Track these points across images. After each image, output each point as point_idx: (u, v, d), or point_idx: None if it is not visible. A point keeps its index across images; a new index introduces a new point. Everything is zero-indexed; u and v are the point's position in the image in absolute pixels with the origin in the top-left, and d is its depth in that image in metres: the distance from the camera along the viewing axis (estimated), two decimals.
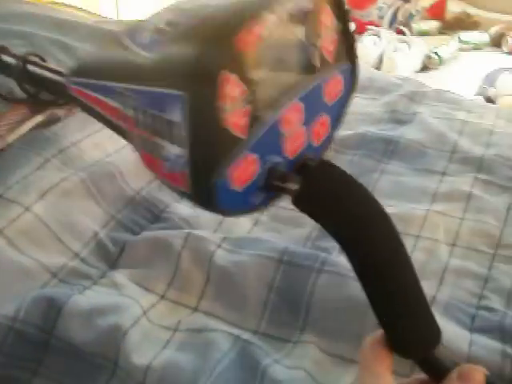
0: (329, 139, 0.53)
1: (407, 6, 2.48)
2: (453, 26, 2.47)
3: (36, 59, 0.72)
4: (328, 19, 0.47)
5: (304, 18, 0.45)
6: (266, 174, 0.45)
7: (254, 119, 0.42)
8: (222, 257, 0.76)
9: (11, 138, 0.88)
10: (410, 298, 0.50)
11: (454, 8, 2.54)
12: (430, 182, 0.91)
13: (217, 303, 0.74)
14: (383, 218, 0.49)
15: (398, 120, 1.05)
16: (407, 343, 0.51)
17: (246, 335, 0.69)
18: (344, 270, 0.72)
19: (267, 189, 0.46)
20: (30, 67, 0.71)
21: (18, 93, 0.84)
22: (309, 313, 0.71)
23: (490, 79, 2.10)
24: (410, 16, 2.51)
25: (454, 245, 0.81)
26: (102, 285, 0.75)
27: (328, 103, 0.50)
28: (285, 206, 0.51)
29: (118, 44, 0.45)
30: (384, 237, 0.48)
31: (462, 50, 2.35)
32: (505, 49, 2.34)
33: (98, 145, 0.91)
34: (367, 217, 0.48)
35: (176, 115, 0.39)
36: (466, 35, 2.37)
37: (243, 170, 0.42)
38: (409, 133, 0.99)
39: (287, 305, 0.73)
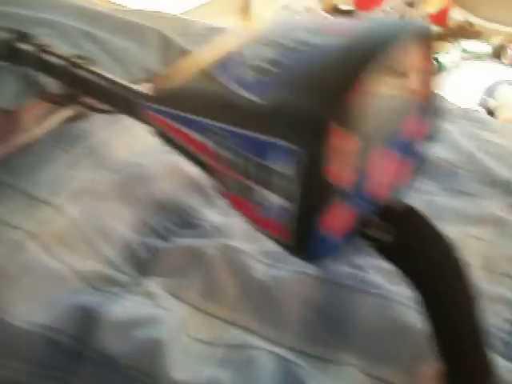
0: (411, 179, 0.52)
1: (412, 10, 2.48)
2: (454, 33, 2.48)
3: (83, 62, 0.69)
4: (419, 60, 0.47)
5: (402, 64, 0.45)
6: (360, 223, 0.45)
7: (356, 170, 0.42)
8: (259, 270, 0.75)
9: (39, 131, 0.85)
10: (475, 338, 0.51)
11: (456, 16, 2.55)
12: (463, 203, 0.90)
13: (253, 317, 0.72)
14: (463, 270, 0.50)
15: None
16: (469, 379, 0.52)
17: (288, 355, 0.68)
18: (387, 292, 0.72)
19: (359, 237, 0.46)
20: (81, 72, 0.68)
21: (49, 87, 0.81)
22: (350, 333, 0.70)
23: (491, 91, 2.12)
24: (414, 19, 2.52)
25: (488, 270, 0.81)
26: (135, 293, 0.72)
27: (412, 145, 0.50)
28: None
29: (208, 77, 0.44)
30: (461, 285, 0.49)
31: (463, 58, 2.36)
32: (505, 60, 2.36)
33: (127, 144, 0.89)
34: (452, 270, 0.48)
35: (286, 168, 0.38)
36: (469, 44, 2.38)
37: (342, 221, 0.42)
38: (439, 151, 0.99)
39: (326, 323, 0.71)
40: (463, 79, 2.24)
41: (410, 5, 2.46)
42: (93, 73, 0.65)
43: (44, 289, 0.69)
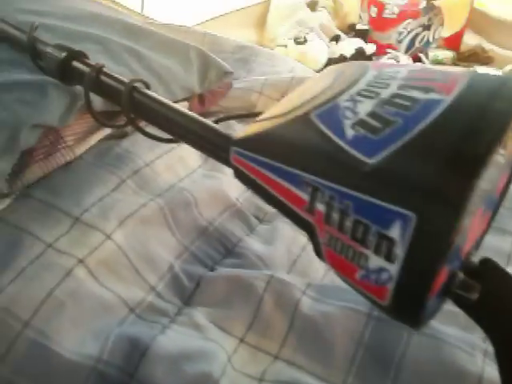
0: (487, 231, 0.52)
1: (426, 33, 2.48)
2: (467, 58, 2.49)
3: (142, 86, 0.67)
4: None
5: None
6: (449, 282, 0.44)
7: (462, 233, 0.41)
8: (307, 305, 0.73)
9: (80, 149, 0.83)
10: None
11: (470, 41, 2.56)
12: (504, 242, 0.89)
13: (299, 352, 0.71)
14: None
15: None
16: None
17: None
18: (438, 333, 0.70)
19: (447, 295, 0.45)
20: (137, 95, 0.66)
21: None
22: (399, 373, 0.69)
23: None
24: (427, 43, 2.52)
25: None
26: (181, 324, 0.71)
27: (494, 199, 0.49)
28: None
29: (310, 126, 0.42)
30: None
31: None
32: None
33: (170, 167, 0.87)
34: None
35: (393, 232, 0.37)
36: (481, 70, 2.39)
37: (439, 281, 0.41)
38: None
39: (376, 362, 0.70)
40: None
41: (426, 28, 2.47)
42: (157, 102, 0.63)
43: (91, 318, 0.67)
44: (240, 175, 0.48)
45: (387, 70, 0.46)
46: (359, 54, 2.26)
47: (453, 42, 2.54)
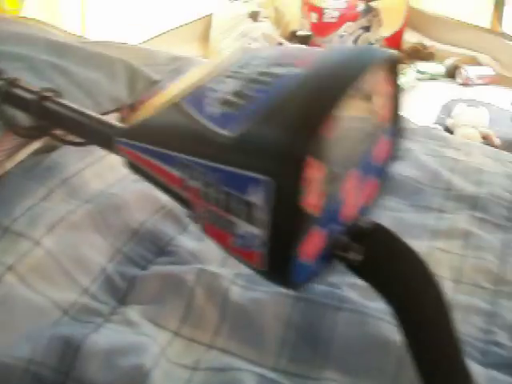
0: (377, 198, 0.54)
1: (366, 34, 2.55)
2: (409, 55, 2.56)
3: (53, 95, 0.70)
4: (385, 88, 0.49)
5: (368, 92, 0.47)
6: (331, 245, 0.46)
7: (326, 196, 0.43)
8: (237, 293, 0.76)
9: (10, 164, 0.85)
10: (452, 350, 0.53)
11: (410, 39, 2.63)
12: (429, 218, 0.93)
13: (232, 340, 0.73)
14: (434, 283, 0.52)
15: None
16: None
17: (270, 374, 0.69)
18: (362, 307, 0.74)
19: (331, 259, 0.47)
20: (47, 104, 0.68)
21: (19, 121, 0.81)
22: (329, 350, 0.72)
23: (447, 109, 2.19)
24: (369, 44, 2.59)
25: (458, 281, 0.83)
26: (115, 322, 0.73)
27: (378, 165, 0.52)
28: None
29: (179, 110, 0.45)
30: (435, 301, 0.51)
31: (418, 79, 2.43)
32: (459, 80, 2.44)
33: (100, 175, 0.89)
34: (423, 284, 0.50)
35: (257, 198, 0.40)
36: (424, 66, 2.46)
37: (315, 245, 0.44)
38: (404, 169, 1.02)
39: (306, 342, 0.73)
40: (419, 99, 2.31)
41: (366, 29, 2.54)
42: (63, 106, 0.66)
43: (23, 321, 0.69)
44: (127, 163, 0.50)
45: (263, 52, 0.49)
46: None
47: (394, 41, 2.61)
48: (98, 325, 0.71)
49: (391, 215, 0.93)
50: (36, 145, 0.90)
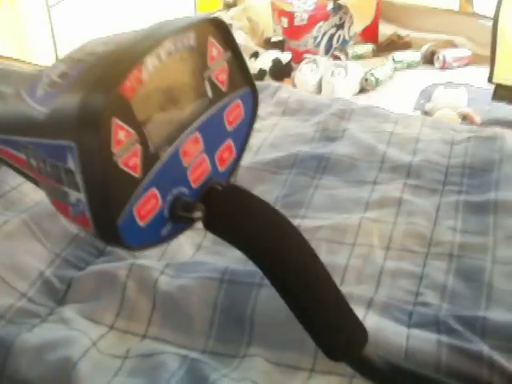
0: (236, 162, 0.56)
1: (340, 32, 2.57)
2: (386, 47, 2.56)
3: None
4: (214, 50, 0.51)
5: (189, 53, 0.49)
6: (170, 206, 0.48)
7: (148, 156, 0.45)
8: (165, 282, 0.78)
9: None
10: (326, 307, 0.54)
11: (385, 31, 2.64)
12: (362, 192, 0.94)
13: (164, 328, 0.75)
14: (290, 235, 0.53)
15: (329, 138, 1.09)
16: (332, 348, 0.55)
17: (193, 354, 0.71)
18: None
19: (173, 219, 0.49)
20: None
21: None
22: (253, 327, 0.73)
23: (426, 94, 2.19)
24: (345, 41, 2.61)
25: (388, 248, 0.84)
26: (51, 321, 0.75)
27: (229, 129, 0.53)
28: None
29: (18, 98, 0.48)
30: (291, 252, 0.52)
31: (396, 69, 2.44)
32: (437, 65, 2.44)
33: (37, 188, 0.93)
34: (271, 236, 0.51)
35: (70, 163, 0.42)
36: (399, 55, 2.46)
37: (143, 206, 0.45)
38: (339, 148, 1.03)
39: (232, 322, 0.74)
40: (397, 88, 2.32)
41: (339, 27, 2.56)
42: None
43: None
44: None
45: (107, 37, 0.52)
46: (276, 65, 2.34)
47: (369, 36, 2.62)
48: (34, 325, 0.74)
49: (325, 193, 0.95)
50: None
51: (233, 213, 0.50)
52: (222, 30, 0.51)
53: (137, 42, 0.45)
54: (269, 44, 2.58)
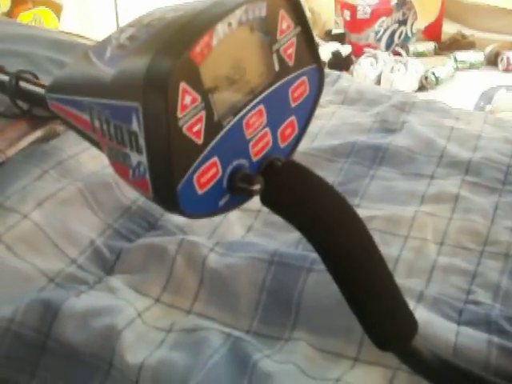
0: (298, 138, 0.55)
1: (403, 28, 2.53)
2: (449, 46, 2.52)
3: (29, 76, 0.75)
4: (284, 24, 0.50)
5: (260, 24, 0.48)
6: (229, 177, 0.47)
7: (212, 125, 0.45)
8: (214, 260, 0.78)
9: (11, 152, 0.92)
10: (381, 294, 0.53)
11: (449, 29, 2.59)
12: (419, 185, 0.93)
13: (210, 305, 0.76)
14: (351, 217, 0.52)
15: (388, 129, 1.07)
16: (382, 336, 0.54)
17: (237, 333, 0.70)
18: None
19: (231, 191, 0.48)
20: (22, 84, 0.74)
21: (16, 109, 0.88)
22: (299, 311, 0.73)
23: (487, 97, 2.14)
24: (406, 38, 2.57)
25: (442, 243, 0.82)
26: (98, 289, 0.76)
27: (293, 104, 0.53)
28: None
29: (86, 60, 0.49)
30: (352, 235, 0.51)
31: (458, 69, 2.39)
32: (501, 67, 2.38)
33: (95, 157, 0.94)
34: (333, 216, 0.50)
35: (134, 125, 0.42)
36: (462, 55, 2.42)
37: (203, 174, 0.45)
38: (398, 140, 1.02)
39: (278, 304, 0.74)
40: (458, 89, 2.27)
41: (402, 23, 2.52)
42: (30, 82, 0.71)
43: (8, 286, 0.74)
44: (60, 118, 0.54)
45: (176, 5, 0.52)
46: (336, 57, 2.32)
47: (432, 33, 2.57)
48: (81, 291, 0.75)
49: (380, 184, 0.93)
50: (37, 134, 0.96)
51: (293, 188, 0.50)
52: (293, 4, 0.50)
53: (208, 9, 0.45)
54: (329, 36, 2.56)
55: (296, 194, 0.50)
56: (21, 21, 1.76)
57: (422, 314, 0.70)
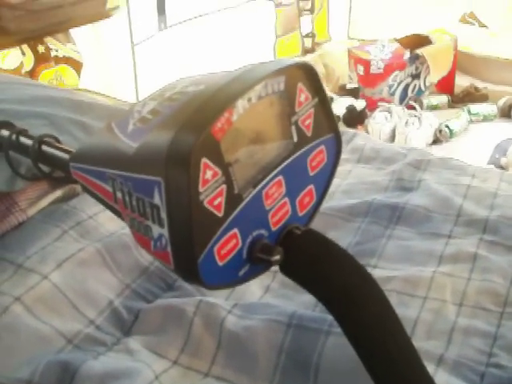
0: (316, 206, 0.56)
1: (416, 81, 2.57)
2: (462, 99, 2.54)
3: (51, 140, 0.77)
4: (302, 96, 0.51)
5: (279, 98, 0.49)
6: (249, 248, 0.48)
7: (232, 197, 0.46)
8: (232, 322, 0.78)
9: (31, 211, 0.93)
10: (397, 359, 0.52)
11: (462, 82, 2.62)
12: (436, 244, 0.92)
13: (228, 368, 0.75)
14: (370, 286, 0.52)
15: (404, 187, 1.08)
16: None
17: None
18: None
19: (251, 261, 0.49)
20: (45, 148, 0.76)
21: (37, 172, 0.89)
22: (318, 374, 0.72)
23: (502, 149, 2.14)
24: (420, 91, 2.60)
25: (461, 304, 0.82)
26: (116, 351, 0.76)
27: (311, 173, 0.54)
28: None
29: (110, 132, 0.50)
30: (370, 304, 0.51)
31: (471, 122, 2.41)
32: None
33: (114, 218, 0.94)
34: (353, 286, 0.51)
35: (156, 199, 0.44)
36: (475, 107, 2.44)
37: (224, 246, 0.46)
38: (414, 199, 1.02)
39: (297, 367, 0.73)
40: (472, 141, 2.28)
41: (415, 76, 2.55)
42: (54, 147, 0.73)
43: (27, 347, 0.74)
44: (81, 186, 0.55)
45: (194, 76, 0.54)
46: (350, 112, 2.35)
47: (445, 87, 2.60)
48: (99, 353, 0.75)
49: (397, 243, 0.93)
50: (57, 194, 0.98)
51: (311, 257, 0.50)
52: (310, 76, 0.52)
53: (228, 84, 0.46)
54: (343, 91, 2.60)
55: (314, 263, 0.50)
56: (42, 80, 1.81)
57: (442, 377, 0.69)
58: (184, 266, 0.45)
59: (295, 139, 0.51)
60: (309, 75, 0.51)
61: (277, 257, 0.48)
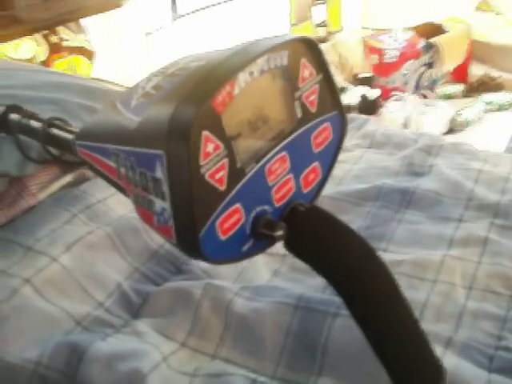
0: (321, 184, 0.55)
1: (430, 71, 2.54)
2: (477, 88, 2.52)
3: (60, 123, 0.77)
4: (306, 71, 0.51)
5: (282, 72, 0.49)
6: (252, 223, 0.48)
7: (235, 171, 0.45)
8: (239, 304, 0.78)
9: (42, 195, 0.94)
10: (405, 341, 0.52)
11: (476, 71, 2.60)
12: (447, 228, 0.92)
13: (235, 350, 0.75)
14: (375, 263, 0.52)
15: (415, 172, 1.07)
16: (406, 382, 0.53)
17: (262, 378, 0.70)
18: None
19: (255, 236, 0.49)
20: (54, 130, 0.76)
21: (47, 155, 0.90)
22: (325, 356, 0.72)
23: None
24: (434, 80, 2.58)
25: (470, 288, 0.81)
26: (124, 333, 0.76)
27: (315, 150, 0.53)
28: None
29: (113, 108, 0.50)
30: (375, 281, 0.51)
31: (486, 111, 2.38)
32: None
33: (124, 202, 0.95)
34: (357, 262, 0.50)
35: (158, 172, 0.43)
36: (490, 96, 2.41)
37: (226, 220, 0.45)
38: (425, 183, 1.01)
39: (304, 349, 0.73)
40: (487, 130, 2.26)
41: (429, 65, 2.53)
42: (62, 129, 0.73)
43: (36, 328, 0.74)
44: (87, 164, 0.56)
45: (199, 53, 0.53)
46: (364, 101, 2.33)
47: (459, 76, 2.58)
48: (107, 334, 0.75)
49: (408, 227, 0.93)
50: (67, 178, 0.98)
51: (316, 234, 0.50)
52: (314, 51, 0.51)
53: (230, 58, 0.46)
54: (357, 80, 2.59)
55: (318, 239, 0.50)
56: (55, 68, 1.82)
57: (451, 360, 0.68)
58: (185, 240, 0.45)
59: (299, 115, 0.50)
60: (313, 51, 0.51)
61: (280, 232, 0.48)
